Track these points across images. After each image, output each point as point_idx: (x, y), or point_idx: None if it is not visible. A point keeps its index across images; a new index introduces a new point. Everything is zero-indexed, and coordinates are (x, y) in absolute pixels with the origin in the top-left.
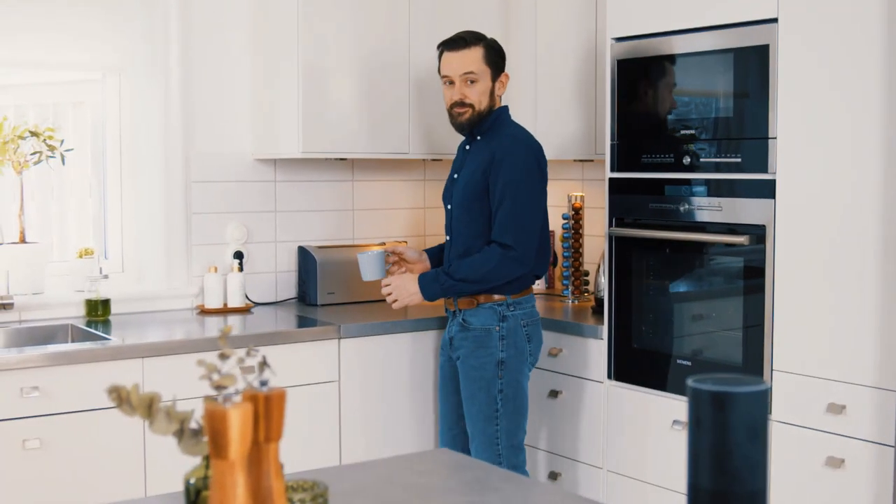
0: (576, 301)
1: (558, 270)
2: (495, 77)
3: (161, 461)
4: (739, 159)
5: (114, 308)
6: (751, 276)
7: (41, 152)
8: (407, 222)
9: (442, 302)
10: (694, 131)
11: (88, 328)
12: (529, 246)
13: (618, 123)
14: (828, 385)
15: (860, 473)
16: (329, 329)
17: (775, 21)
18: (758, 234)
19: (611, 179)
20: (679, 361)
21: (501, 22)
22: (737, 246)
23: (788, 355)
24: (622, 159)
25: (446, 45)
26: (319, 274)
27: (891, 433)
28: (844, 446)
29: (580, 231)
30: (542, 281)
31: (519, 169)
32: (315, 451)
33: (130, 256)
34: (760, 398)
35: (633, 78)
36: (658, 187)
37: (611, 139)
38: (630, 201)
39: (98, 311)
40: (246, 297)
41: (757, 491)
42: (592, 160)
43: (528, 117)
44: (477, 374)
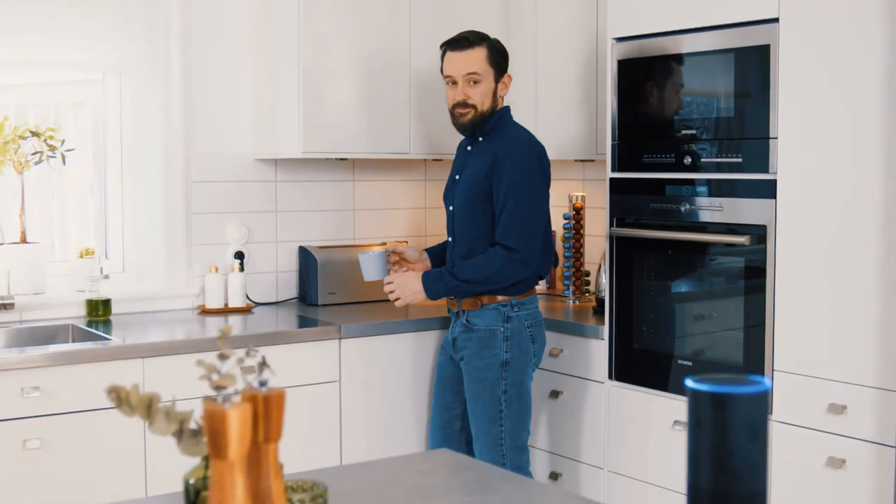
0: (577, 301)
1: (559, 271)
2: (498, 78)
3: (162, 461)
4: (740, 159)
5: (114, 308)
6: (751, 276)
7: (42, 152)
8: (408, 222)
9: (444, 302)
10: (695, 131)
11: (89, 328)
12: (534, 248)
13: (619, 123)
14: (828, 385)
15: (861, 474)
16: (330, 329)
17: (776, 21)
18: (758, 234)
19: (612, 179)
20: (680, 361)
21: (502, 22)
22: (737, 246)
23: (789, 355)
24: (623, 159)
25: (449, 45)
26: (320, 274)
27: (891, 433)
28: (845, 446)
29: (581, 231)
30: (544, 281)
31: (522, 170)
32: (316, 452)
33: (131, 256)
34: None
35: (634, 78)
36: (659, 187)
37: (611, 139)
38: (631, 201)
39: (99, 311)
40: (247, 298)
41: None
42: (593, 160)
43: (529, 117)
44: (481, 375)
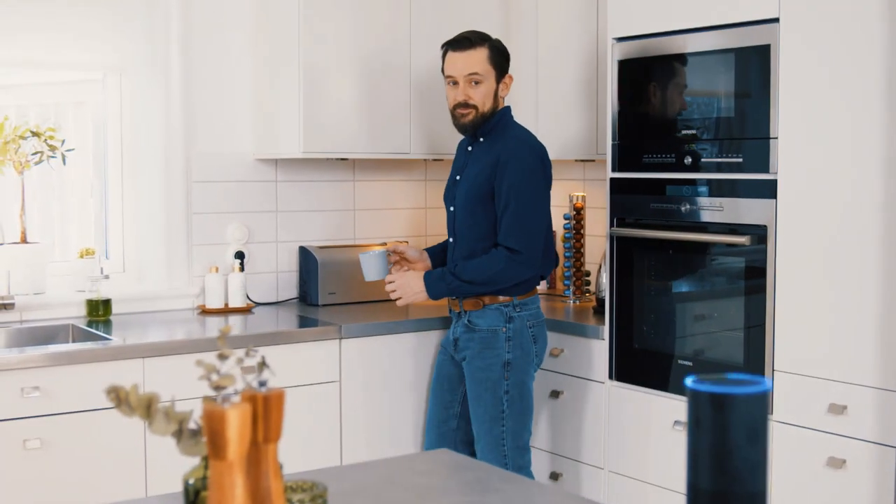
0: (577, 301)
1: (560, 271)
2: (499, 78)
3: (162, 461)
4: (741, 159)
5: (115, 308)
6: (752, 277)
7: (42, 152)
8: (408, 222)
9: (444, 302)
10: (695, 131)
11: (89, 328)
12: (536, 249)
13: (619, 123)
14: (829, 385)
15: (861, 474)
16: (330, 329)
17: (776, 21)
18: (759, 235)
19: (612, 179)
20: (680, 362)
21: (502, 22)
22: (738, 246)
23: (789, 355)
24: (623, 159)
25: (451, 45)
26: (320, 274)
27: (892, 434)
28: (846, 447)
29: (581, 231)
30: (544, 281)
31: (524, 172)
32: (316, 452)
33: (131, 256)
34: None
35: (635, 78)
36: (659, 187)
37: (612, 139)
38: (631, 201)
39: (99, 311)
40: (247, 298)
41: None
42: (594, 160)
43: (530, 117)
44: (483, 376)
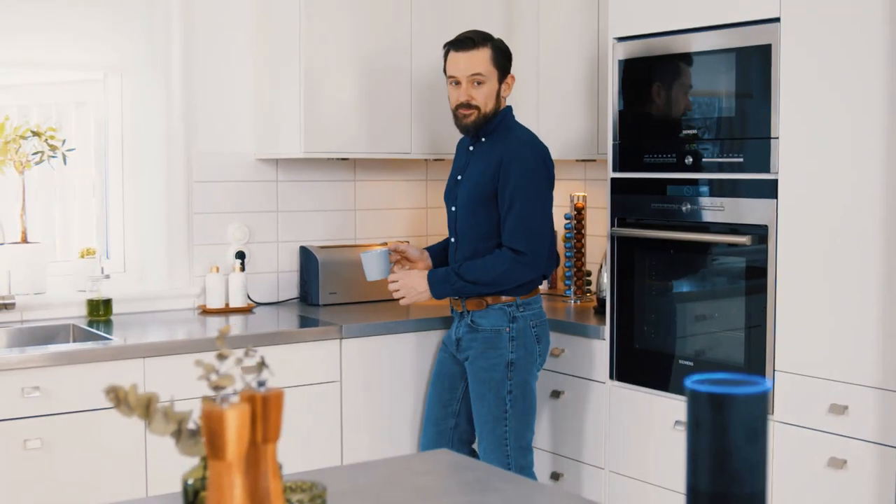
0: (578, 301)
1: (560, 270)
2: (502, 79)
3: (162, 461)
4: (741, 159)
5: (115, 308)
6: (753, 277)
7: (43, 152)
8: (409, 222)
9: (445, 302)
10: (696, 131)
11: (90, 328)
12: (540, 249)
13: (620, 123)
14: (830, 385)
15: (862, 474)
16: (331, 329)
17: (777, 21)
18: (760, 235)
19: (613, 179)
20: (681, 362)
21: (504, 21)
22: (739, 246)
23: (790, 355)
24: (624, 159)
25: (453, 45)
26: (321, 274)
27: (893, 434)
28: (846, 447)
29: (582, 231)
30: (546, 281)
31: (527, 173)
32: (316, 452)
33: (132, 256)
34: (760, 399)
35: (636, 78)
36: (660, 187)
37: (613, 139)
38: (632, 201)
39: (99, 311)
40: (248, 298)
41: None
42: (595, 160)
43: (531, 117)
44: (486, 376)
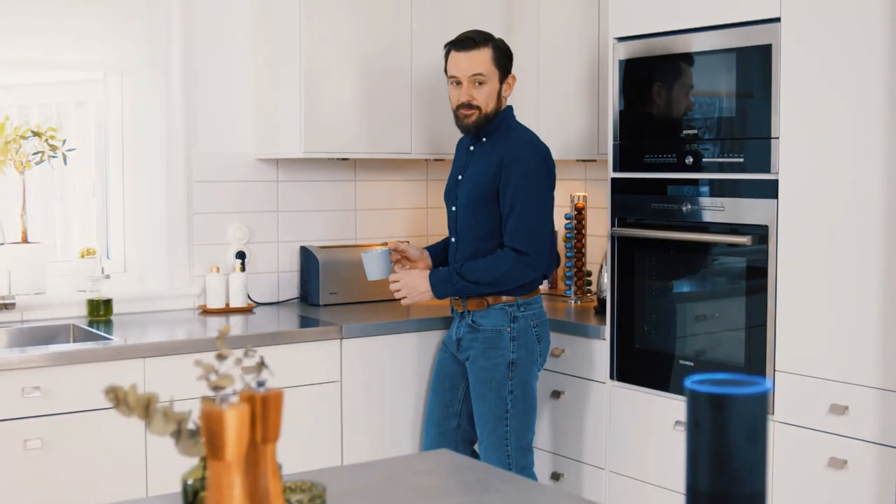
0: (578, 301)
1: (561, 271)
2: (503, 79)
3: (162, 461)
4: (742, 159)
5: (116, 308)
6: (753, 277)
7: (43, 152)
8: (409, 222)
9: (446, 302)
10: (697, 131)
11: (90, 328)
12: (542, 250)
13: (620, 123)
14: (830, 386)
15: (863, 475)
16: (331, 329)
17: (778, 21)
18: (760, 235)
19: (613, 179)
20: (682, 362)
21: (504, 21)
22: (739, 246)
23: (791, 356)
24: (625, 159)
25: (454, 45)
26: (322, 274)
27: (893, 434)
28: (847, 447)
29: (583, 231)
30: (546, 281)
31: (529, 173)
32: (316, 452)
33: (132, 256)
34: (760, 400)
35: (636, 78)
36: (661, 187)
37: (613, 139)
38: (632, 201)
39: (100, 311)
40: (248, 298)
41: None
42: (595, 160)
43: (531, 117)
44: (487, 376)
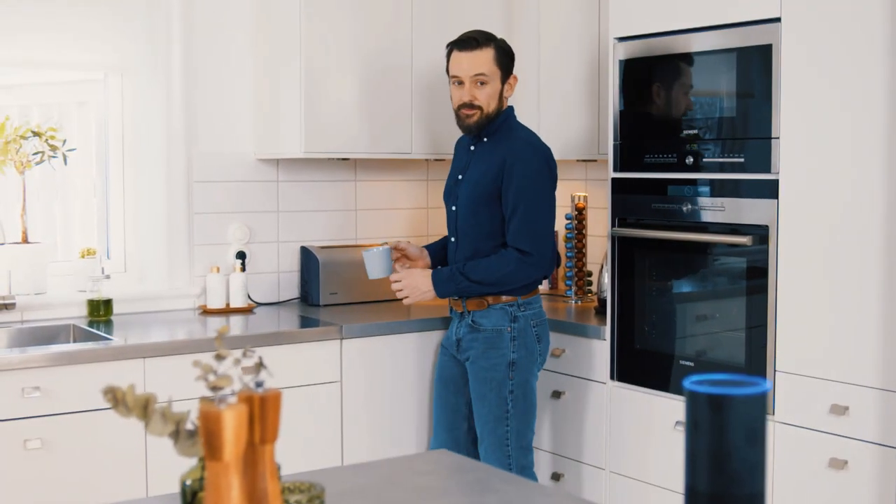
0: (579, 301)
1: (561, 271)
2: (504, 79)
3: (162, 461)
4: (742, 159)
5: (116, 308)
6: (754, 277)
7: (43, 152)
8: (410, 222)
9: (446, 302)
10: (697, 131)
11: (90, 328)
12: (546, 250)
13: (621, 123)
14: (831, 386)
15: (863, 475)
16: (331, 329)
17: (778, 21)
18: (761, 235)
19: (614, 179)
20: (682, 362)
21: (504, 21)
22: (740, 246)
23: (791, 356)
24: (625, 159)
25: (457, 45)
26: (322, 274)
27: (894, 434)
28: (847, 448)
29: (583, 231)
30: (546, 281)
31: (531, 174)
32: (317, 452)
33: (133, 256)
34: (759, 400)
35: (637, 78)
36: (661, 187)
37: (614, 139)
38: (633, 201)
39: (100, 312)
40: (248, 298)
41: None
42: (596, 160)
43: (532, 117)
44: (488, 376)
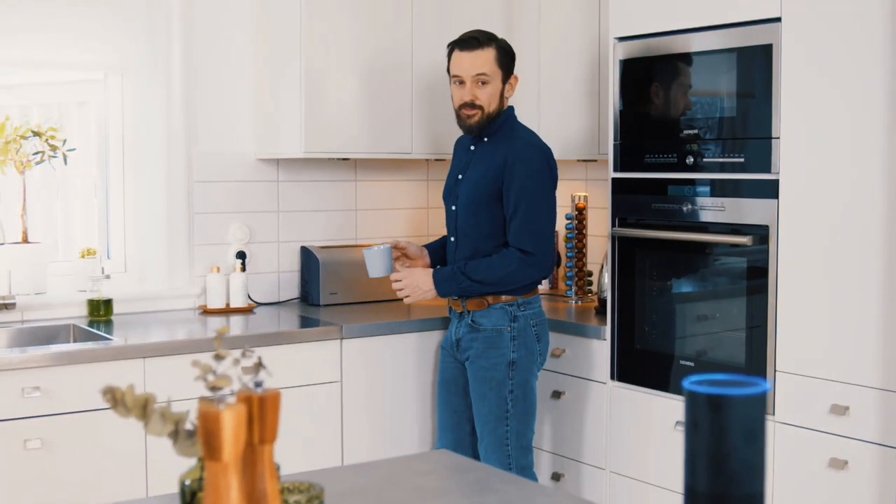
0: (579, 301)
1: (562, 271)
2: (505, 79)
3: (162, 461)
4: (743, 159)
5: (116, 308)
6: (754, 277)
7: (43, 152)
8: (410, 222)
9: (445, 301)
10: (697, 131)
11: (90, 328)
12: (547, 250)
13: (621, 123)
14: (831, 386)
15: (863, 475)
16: (331, 329)
17: (778, 20)
18: (761, 235)
19: (614, 179)
20: (682, 362)
21: (504, 21)
22: (740, 246)
23: (791, 356)
24: (625, 159)
25: (458, 45)
26: (322, 274)
27: (894, 435)
28: (848, 448)
29: (584, 231)
30: (546, 281)
31: (532, 174)
32: (317, 452)
33: (133, 256)
34: (758, 400)
35: (637, 77)
36: (661, 187)
37: (614, 139)
38: (633, 201)
39: (100, 311)
40: (248, 298)
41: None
42: (596, 160)
43: (532, 117)
44: (488, 375)
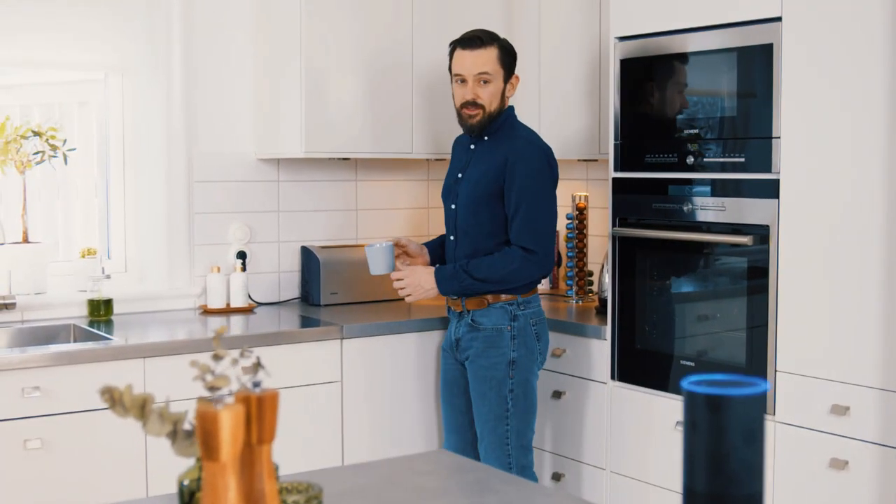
0: (579, 301)
1: (562, 270)
2: (507, 78)
3: (162, 462)
4: (743, 159)
5: (116, 308)
6: (754, 277)
7: (44, 152)
8: (410, 222)
9: (444, 301)
10: (698, 131)
11: (90, 328)
12: (549, 249)
13: (621, 123)
14: (831, 386)
15: (864, 475)
16: (332, 329)
17: (779, 20)
18: (762, 235)
19: (614, 179)
20: (682, 362)
21: (505, 21)
22: (740, 246)
23: (792, 356)
24: (626, 159)
25: (460, 44)
26: (322, 274)
27: (895, 435)
28: (848, 448)
29: (584, 231)
30: (546, 281)
31: (533, 173)
32: (317, 452)
33: (133, 256)
34: (757, 401)
35: (637, 77)
36: (662, 187)
37: (614, 139)
38: (633, 201)
39: (100, 311)
40: (249, 298)
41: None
42: (596, 160)
43: (532, 117)
44: (488, 374)
